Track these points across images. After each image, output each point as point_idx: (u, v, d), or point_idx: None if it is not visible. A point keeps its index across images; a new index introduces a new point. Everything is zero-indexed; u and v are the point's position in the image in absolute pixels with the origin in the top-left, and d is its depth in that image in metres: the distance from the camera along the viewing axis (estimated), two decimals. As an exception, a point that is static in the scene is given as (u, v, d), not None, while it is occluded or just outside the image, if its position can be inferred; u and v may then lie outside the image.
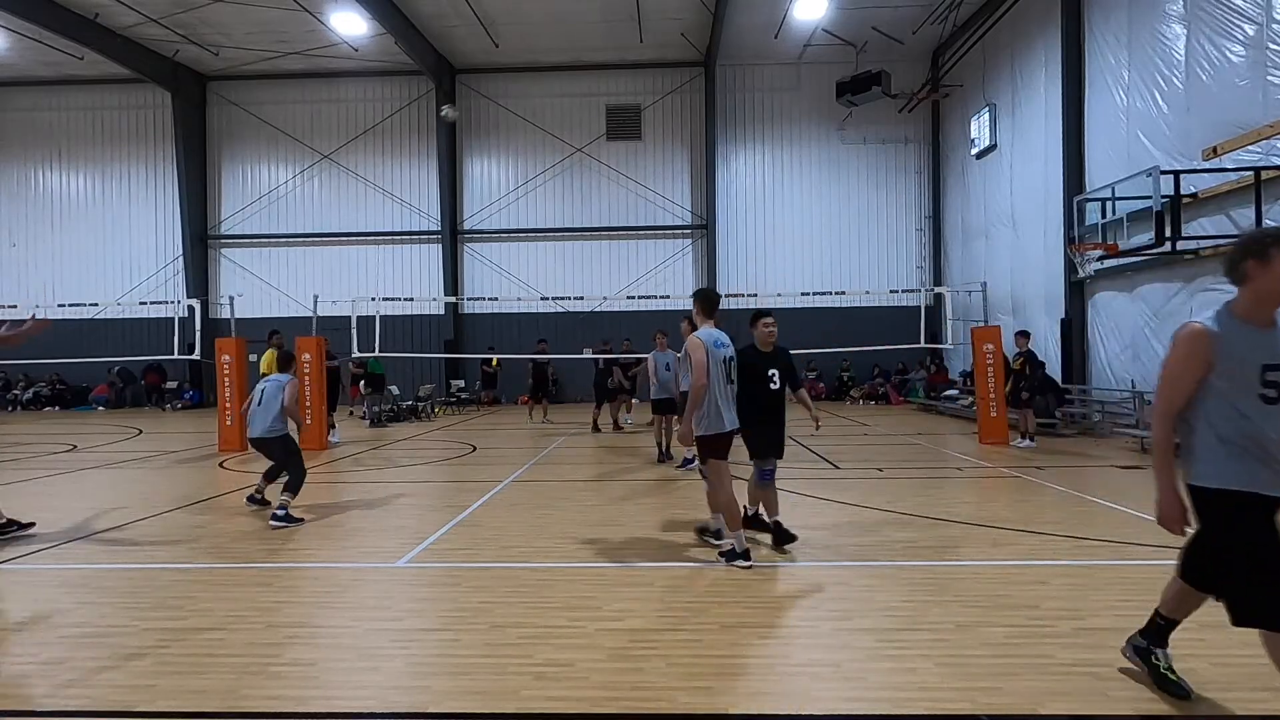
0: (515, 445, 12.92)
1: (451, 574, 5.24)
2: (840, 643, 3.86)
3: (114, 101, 24.56)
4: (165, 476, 9.81)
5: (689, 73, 23.72)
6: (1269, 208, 10.29)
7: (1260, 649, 2.86)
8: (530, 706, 3.20)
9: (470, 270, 24.28)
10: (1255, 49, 10.64)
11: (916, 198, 23.64)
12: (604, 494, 8.10)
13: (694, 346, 5.31)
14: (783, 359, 5.95)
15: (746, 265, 23.73)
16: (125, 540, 6.29)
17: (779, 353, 5.96)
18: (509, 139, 24.16)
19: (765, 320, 5.93)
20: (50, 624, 4.30)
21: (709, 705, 3.21)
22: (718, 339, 5.42)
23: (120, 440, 14.43)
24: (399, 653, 3.80)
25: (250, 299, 23.07)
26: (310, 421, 12.56)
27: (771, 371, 5.82)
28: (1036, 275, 17.10)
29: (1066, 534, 6.00)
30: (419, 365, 23.25)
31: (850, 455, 10.97)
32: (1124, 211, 11.94)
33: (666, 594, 4.66)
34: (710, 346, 5.31)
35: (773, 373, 5.82)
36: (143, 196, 24.67)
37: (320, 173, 24.41)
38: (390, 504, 7.78)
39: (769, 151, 23.88)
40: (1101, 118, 14.57)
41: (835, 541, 5.94)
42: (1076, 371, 15.30)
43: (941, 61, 21.80)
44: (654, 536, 6.19)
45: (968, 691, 3.28)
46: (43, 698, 3.35)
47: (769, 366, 5.84)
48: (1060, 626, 3.99)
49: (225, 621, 4.25)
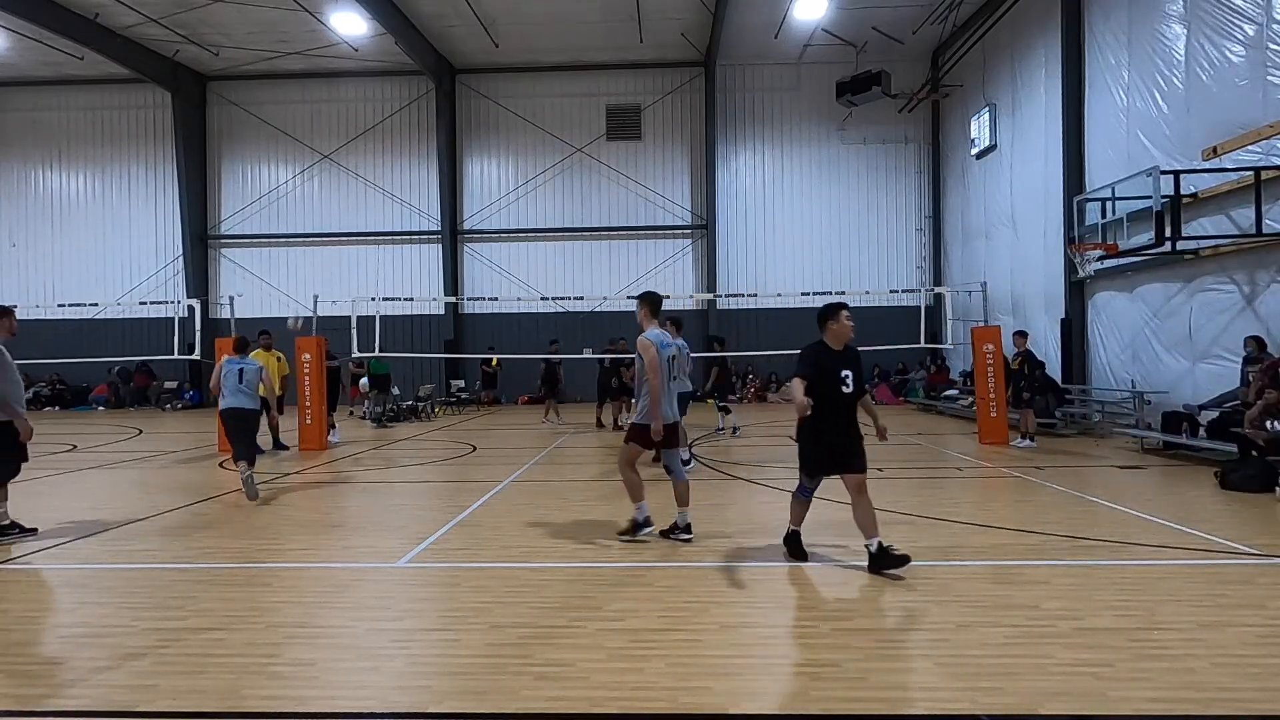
0: (515, 445, 12.92)
1: (451, 574, 5.24)
2: (840, 643, 3.86)
3: (114, 101, 24.56)
4: (165, 476, 9.80)
5: (689, 73, 23.72)
6: (1269, 208, 10.28)
7: (1259, 648, 2.86)
8: (530, 706, 3.20)
9: (470, 270, 24.29)
10: (1255, 49, 10.64)
11: (916, 198, 23.64)
12: (604, 494, 8.09)
13: (644, 345, 5.85)
14: (856, 359, 5.27)
15: (746, 265, 23.73)
16: (125, 540, 6.29)
17: (851, 351, 5.27)
18: (509, 139, 24.16)
19: (845, 313, 5.24)
20: (50, 624, 4.30)
21: (709, 705, 3.21)
22: (663, 339, 5.99)
23: (120, 440, 14.43)
24: (399, 653, 3.80)
25: (250, 299, 23.05)
26: (310, 421, 12.62)
27: (845, 372, 5.13)
28: (1036, 275, 17.11)
29: (1066, 534, 6.00)
30: (419, 365, 23.25)
31: (850, 455, 10.95)
32: (1124, 211, 11.93)
33: (666, 594, 4.66)
34: (659, 345, 5.88)
35: (846, 374, 5.13)
36: (143, 196, 24.67)
37: (320, 173, 24.41)
38: (390, 504, 7.78)
39: (769, 151, 23.88)
40: (1101, 118, 14.57)
41: (835, 541, 5.93)
42: (1076, 371, 15.30)
43: (941, 61, 21.80)
44: (654, 536, 6.17)
45: (968, 691, 3.28)
46: (43, 698, 3.35)
47: (842, 366, 5.14)
48: (1060, 626, 3.98)
49: (225, 621, 4.24)
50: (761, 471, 9.52)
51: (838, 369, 5.13)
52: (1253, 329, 10.33)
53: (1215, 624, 3.98)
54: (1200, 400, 10.91)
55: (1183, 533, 6.03)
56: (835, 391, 5.09)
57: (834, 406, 5.09)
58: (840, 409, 5.12)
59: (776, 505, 7.37)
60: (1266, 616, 4.10)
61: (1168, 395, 12.13)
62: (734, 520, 6.76)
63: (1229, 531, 6.00)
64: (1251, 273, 10.88)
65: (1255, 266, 10.80)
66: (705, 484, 8.66)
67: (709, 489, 8.33)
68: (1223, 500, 7.41)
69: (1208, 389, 11.20)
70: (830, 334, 5.24)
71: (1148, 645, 3.71)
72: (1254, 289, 10.82)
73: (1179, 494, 7.81)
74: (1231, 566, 5.13)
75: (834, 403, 5.09)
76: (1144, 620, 4.06)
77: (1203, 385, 11.48)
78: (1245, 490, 7.64)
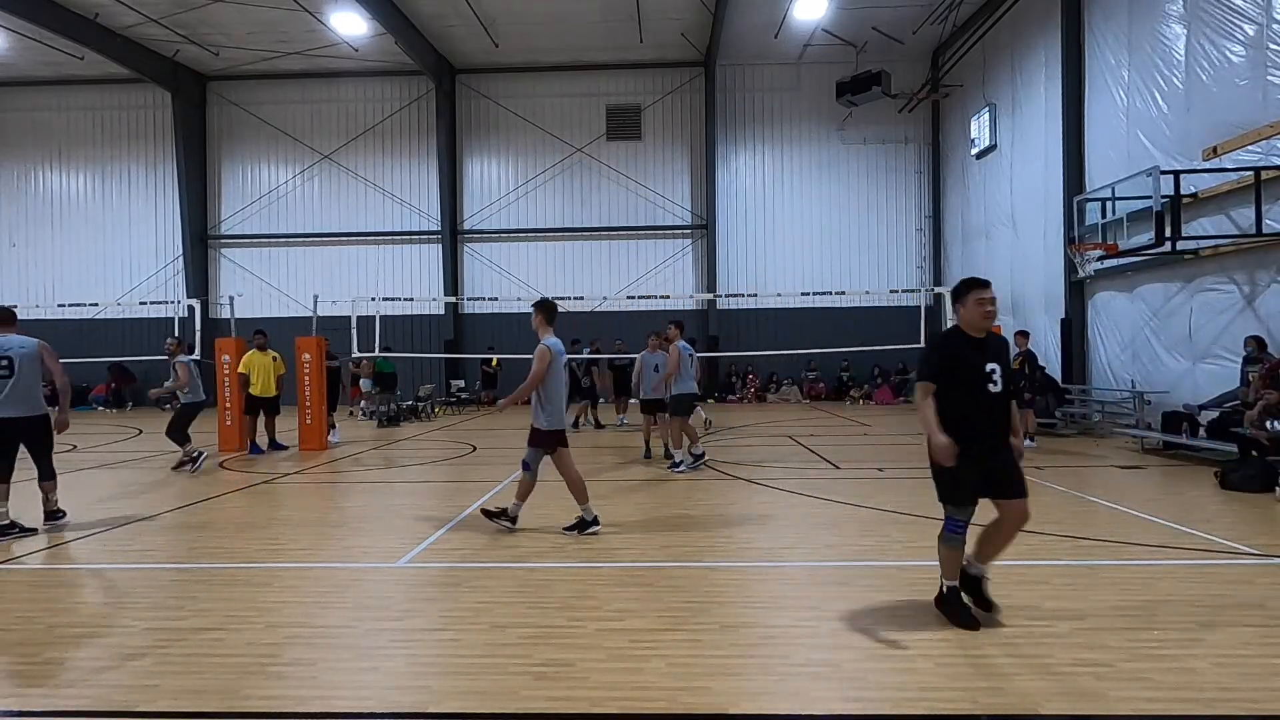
0: (515, 445, 12.90)
1: (451, 574, 5.24)
2: (840, 643, 3.86)
3: (114, 101, 24.54)
4: (165, 476, 9.80)
5: (689, 73, 23.71)
6: (1269, 208, 10.29)
7: (1259, 648, 2.86)
8: (530, 706, 3.20)
9: (470, 270, 24.28)
10: (1255, 49, 10.64)
11: (916, 198, 23.63)
12: (604, 493, 8.09)
13: (542, 354, 6.13)
14: (1003, 349, 4.22)
15: (746, 265, 23.72)
16: (125, 540, 6.29)
17: (997, 341, 4.22)
18: (509, 139, 24.15)
19: (981, 294, 4.09)
20: (50, 624, 4.30)
21: (709, 705, 3.21)
22: (559, 345, 6.29)
23: (120, 440, 14.43)
24: (399, 653, 3.80)
25: (250, 299, 23.05)
26: (310, 421, 12.63)
27: (991, 366, 4.03)
28: (1036, 275, 17.11)
29: (1066, 534, 6.00)
30: (419, 365, 23.25)
31: (850, 455, 10.97)
32: (1124, 211, 11.94)
33: (666, 594, 4.66)
34: (556, 352, 6.20)
35: (993, 368, 4.03)
36: (143, 196, 24.65)
37: (320, 173, 24.40)
38: (390, 504, 7.78)
39: (769, 151, 23.87)
40: (1101, 118, 14.57)
41: (835, 541, 5.94)
42: (1076, 371, 15.30)
43: (941, 61, 21.79)
44: (653, 536, 6.18)
45: (968, 691, 3.28)
46: (43, 698, 3.35)
47: (985, 359, 4.04)
48: (1060, 626, 3.98)
49: (225, 621, 4.25)
50: (762, 471, 9.52)
51: (980, 362, 4.03)
52: (1253, 329, 10.33)
53: (1215, 624, 3.98)
54: (1200, 400, 10.91)
55: (1182, 533, 6.04)
56: (980, 391, 4.02)
57: (980, 410, 4.01)
58: (989, 412, 4.03)
59: (777, 505, 7.39)
60: (1266, 616, 4.11)
61: (1168, 395, 12.13)
62: (734, 520, 6.76)
63: (1229, 531, 6.01)
64: (1251, 273, 10.88)
65: (1255, 266, 10.80)
66: (706, 484, 8.66)
67: (710, 489, 8.34)
68: (1223, 500, 7.41)
69: (1208, 389, 11.20)
70: (963, 319, 4.17)
71: (1148, 645, 3.71)
72: (1254, 289, 10.82)
73: (1179, 494, 7.81)
74: (1231, 566, 5.13)
75: (980, 405, 4.01)
76: (1144, 620, 4.06)
77: (1203, 385, 11.48)
78: (1245, 490, 7.64)
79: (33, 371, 6.53)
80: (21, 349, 6.49)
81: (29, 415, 6.51)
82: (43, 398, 6.70)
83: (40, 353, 6.60)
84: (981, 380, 4.00)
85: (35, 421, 6.57)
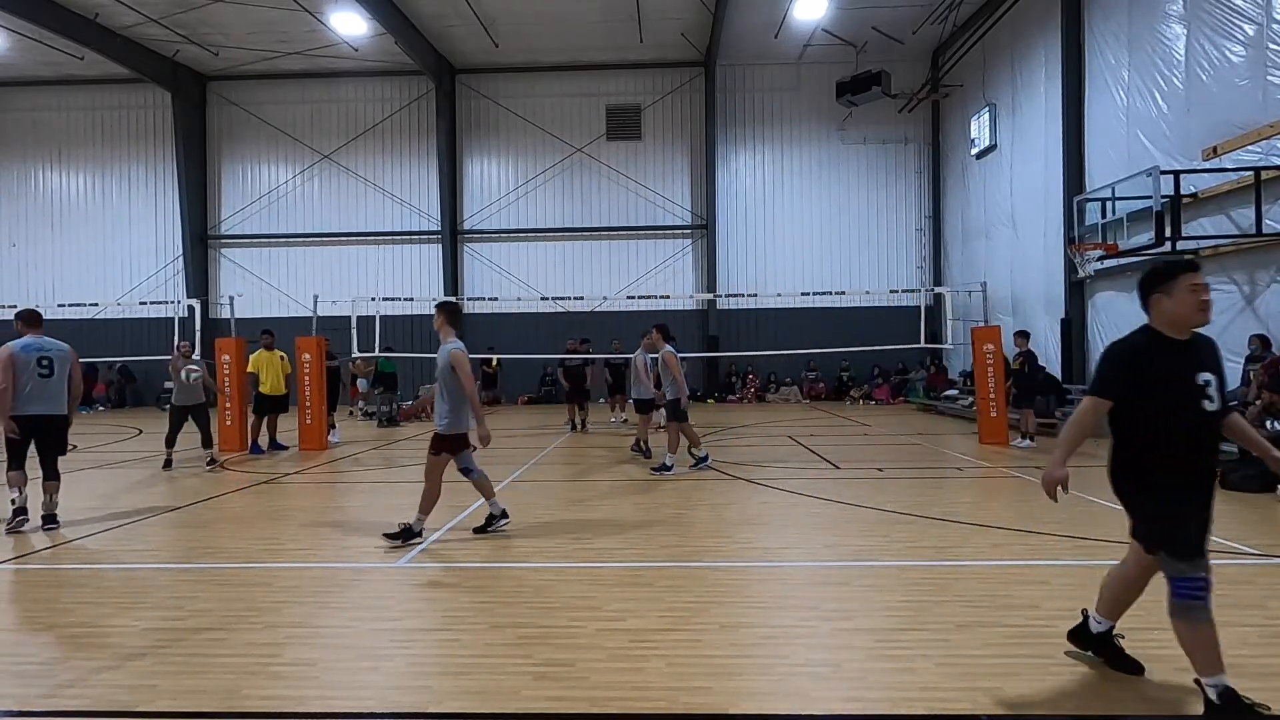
0: (515, 445, 12.92)
1: (451, 574, 5.24)
2: (840, 643, 3.86)
3: (114, 101, 24.55)
4: (165, 476, 9.81)
5: (689, 73, 23.71)
6: (1269, 208, 10.29)
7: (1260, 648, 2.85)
8: (530, 706, 3.20)
9: (470, 270, 24.28)
10: (1255, 49, 10.64)
11: (916, 198, 23.63)
12: (604, 493, 8.09)
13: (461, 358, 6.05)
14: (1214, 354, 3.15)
15: (746, 265, 23.72)
16: (125, 540, 6.29)
17: (1205, 344, 3.15)
18: (509, 139, 24.15)
19: (1195, 280, 3.03)
20: (50, 624, 4.29)
21: (709, 705, 3.21)
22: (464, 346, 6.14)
23: (120, 440, 14.43)
24: (399, 653, 3.80)
25: (250, 299, 23.05)
26: (310, 421, 12.63)
27: (1205, 377, 3.02)
28: (1036, 275, 17.11)
29: (1066, 534, 6.00)
30: (419, 365, 23.24)
31: (850, 455, 10.97)
32: (1124, 211, 11.94)
33: (666, 594, 4.66)
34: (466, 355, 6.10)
35: (1207, 379, 3.03)
36: (143, 196, 24.65)
37: (320, 173, 24.40)
38: (390, 504, 7.77)
39: (769, 151, 23.87)
40: (1101, 118, 14.57)
41: (835, 541, 5.93)
42: (1076, 371, 15.29)
43: (941, 61, 21.80)
44: (653, 536, 6.18)
45: (968, 691, 3.28)
46: (43, 698, 3.35)
47: (1197, 368, 3.04)
48: (1060, 626, 3.98)
49: (225, 621, 4.25)
50: (762, 471, 9.52)
51: (1188, 372, 3.02)
52: (1253, 329, 10.34)
53: (1216, 624, 3.98)
54: (1200, 400, 10.89)
55: (1183, 533, 6.02)
56: (1190, 409, 3.00)
57: (1191, 434, 3.01)
58: (1202, 437, 3.04)
59: (776, 505, 7.39)
60: (1266, 616, 4.11)
61: (1168, 395, 12.11)
62: (734, 520, 6.76)
63: (1229, 531, 6.00)
64: (1251, 273, 10.88)
65: (1255, 266, 10.80)
66: (706, 484, 8.66)
67: (710, 489, 8.33)
68: (1223, 500, 7.37)
69: (1208, 389, 11.18)
70: (1164, 314, 3.10)
71: (1148, 645, 3.70)
72: (1254, 289, 10.82)
73: (1179, 494, 7.80)
74: (1231, 566, 5.13)
75: (1191, 428, 3.01)
76: (1143, 620, 4.05)
77: (1203, 385, 11.46)
78: (1245, 490, 7.63)
79: (65, 373, 6.81)
80: (59, 352, 6.81)
81: (56, 414, 6.76)
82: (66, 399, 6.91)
83: (71, 357, 6.91)
84: (1192, 395, 2.99)
85: (59, 421, 6.82)
